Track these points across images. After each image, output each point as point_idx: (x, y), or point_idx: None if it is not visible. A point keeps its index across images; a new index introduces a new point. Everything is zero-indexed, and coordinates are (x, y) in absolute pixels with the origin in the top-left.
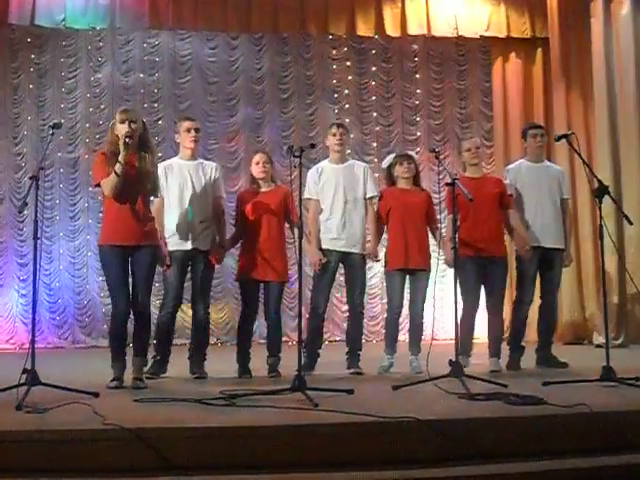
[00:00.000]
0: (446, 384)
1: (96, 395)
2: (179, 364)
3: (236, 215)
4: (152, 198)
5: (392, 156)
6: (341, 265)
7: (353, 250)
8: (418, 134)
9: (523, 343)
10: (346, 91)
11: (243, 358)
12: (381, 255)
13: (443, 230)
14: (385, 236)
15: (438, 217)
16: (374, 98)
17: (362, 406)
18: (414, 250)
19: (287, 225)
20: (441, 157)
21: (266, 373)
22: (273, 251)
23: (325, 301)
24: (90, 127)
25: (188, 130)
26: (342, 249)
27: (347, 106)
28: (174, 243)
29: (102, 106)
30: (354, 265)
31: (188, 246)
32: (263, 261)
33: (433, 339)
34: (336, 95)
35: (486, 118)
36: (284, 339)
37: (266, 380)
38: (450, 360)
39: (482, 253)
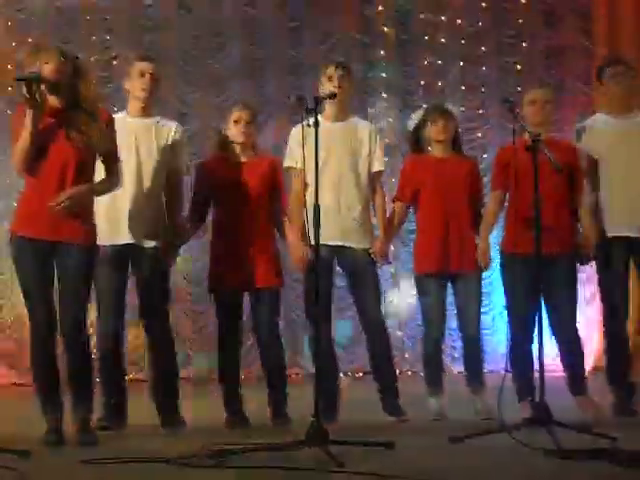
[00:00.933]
0: (527, 435)
1: (26, 455)
2: (143, 407)
3: (195, 192)
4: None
5: (421, 112)
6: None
7: (349, 244)
8: (484, 77)
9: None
10: (380, 7)
11: (230, 400)
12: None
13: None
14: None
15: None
16: (422, 17)
17: (407, 467)
18: (455, 246)
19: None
20: (517, 110)
21: (268, 418)
22: (259, 246)
23: (326, 314)
24: (13, 70)
25: (141, 74)
26: (333, 242)
27: (383, 34)
28: (106, 235)
29: (30, 39)
30: (356, 266)
31: (126, 239)
32: (245, 260)
33: (506, 370)
34: (368, 21)
35: (584, 51)
36: (295, 370)
37: (269, 429)
38: (531, 400)
39: (540, 250)
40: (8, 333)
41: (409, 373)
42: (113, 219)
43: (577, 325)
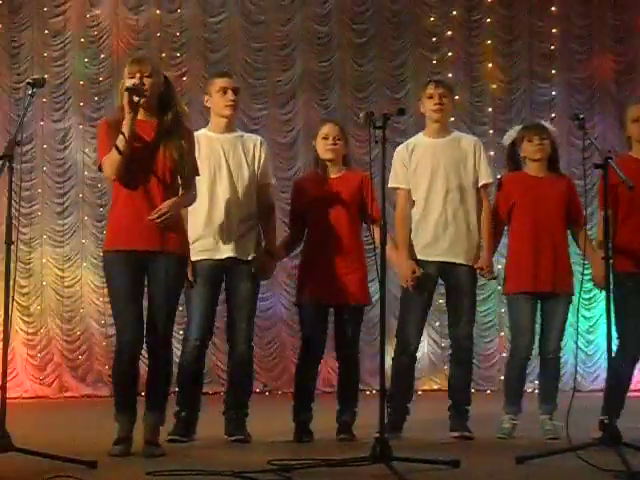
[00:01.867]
0: (596, 457)
1: (93, 465)
2: (211, 422)
3: (292, 211)
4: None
5: (517, 128)
6: (440, 281)
7: (458, 260)
8: (553, 93)
9: None
10: (449, 32)
11: (302, 414)
12: (497, 270)
13: (591, 233)
14: (504, 241)
15: (584, 213)
16: (489, 42)
17: None
18: (548, 264)
19: (364, 225)
20: (587, 126)
21: (334, 435)
22: (348, 262)
23: (418, 333)
24: (85, 85)
25: (223, 91)
26: (442, 259)
27: (450, 54)
28: (201, 250)
29: (102, 55)
30: (459, 282)
31: (222, 254)
32: (334, 277)
33: (575, 390)
34: (434, 39)
35: None
36: (361, 387)
37: (334, 445)
38: (602, 421)
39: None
40: (77, 345)
41: (473, 391)
42: (211, 234)
43: None
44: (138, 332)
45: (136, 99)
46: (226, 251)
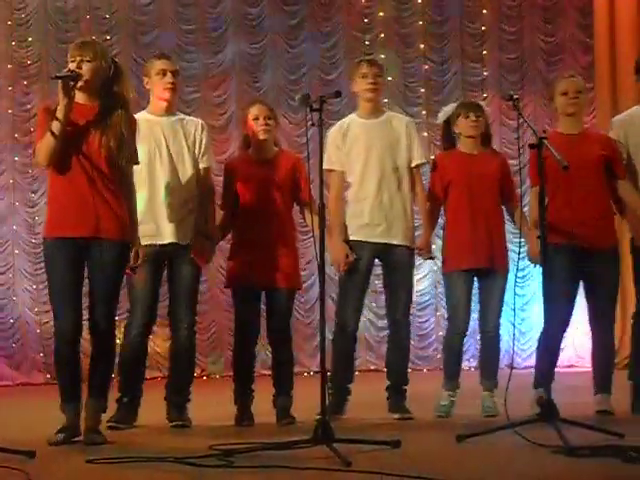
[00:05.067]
0: (533, 432)
1: (31, 455)
2: (152, 408)
3: (224, 193)
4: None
5: (452, 106)
6: (378, 263)
7: (394, 241)
8: (484, 74)
9: None
10: (380, 13)
11: (243, 398)
12: (434, 249)
13: (525, 210)
14: (441, 221)
15: (518, 191)
16: (421, 23)
17: (414, 465)
18: (484, 241)
19: (297, 208)
20: (521, 106)
21: (274, 419)
22: (279, 245)
23: (356, 315)
24: (14, 69)
25: (162, 73)
26: (378, 240)
27: (382, 35)
28: (143, 235)
29: (30, 38)
30: (397, 263)
31: (164, 239)
32: (265, 260)
33: (512, 367)
34: (366, 20)
35: (584, 48)
36: (298, 369)
37: (276, 429)
38: (539, 397)
39: (579, 243)
40: (10, 333)
41: (409, 370)
42: (152, 219)
43: (614, 324)
44: (77, 319)
45: (71, 84)
46: (167, 236)
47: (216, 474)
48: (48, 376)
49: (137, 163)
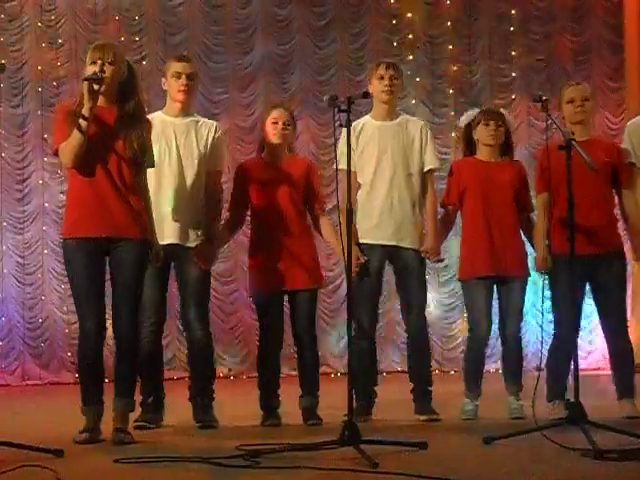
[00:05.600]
0: (561, 436)
1: (59, 454)
2: (179, 408)
3: (234, 194)
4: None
5: (474, 112)
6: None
7: (403, 244)
8: (512, 74)
9: None
10: (409, 14)
11: (268, 400)
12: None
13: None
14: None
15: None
16: (449, 24)
17: (441, 467)
18: (502, 249)
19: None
20: (549, 107)
21: (301, 420)
22: (295, 247)
23: (371, 315)
24: (43, 70)
25: (177, 75)
26: (388, 242)
27: (410, 36)
28: None
29: (60, 40)
30: (407, 266)
31: (169, 240)
32: (283, 263)
33: (540, 369)
34: (394, 21)
35: (613, 48)
36: (326, 370)
37: (302, 430)
38: (567, 401)
39: (585, 250)
40: (39, 332)
41: (436, 372)
42: (157, 219)
43: (627, 326)
44: (100, 319)
45: (96, 87)
46: (170, 237)
47: (242, 474)
48: (76, 375)
49: (153, 166)
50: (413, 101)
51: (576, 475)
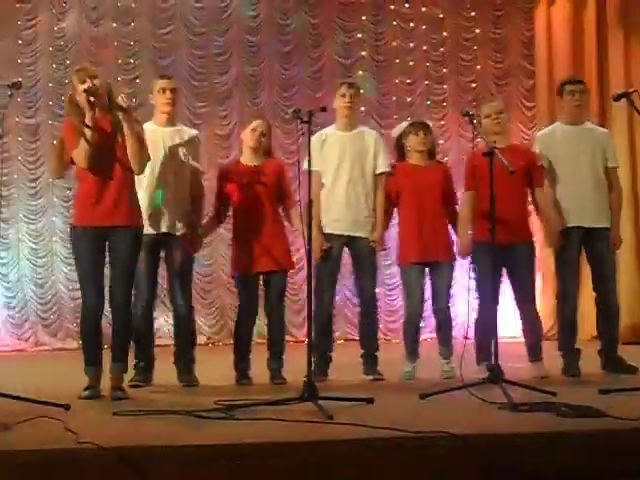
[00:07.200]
0: (484, 392)
1: (67, 407)
2: (165, 370)
3: (218, 194)
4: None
5: (404, 124)
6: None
7: (358, 234)
8: (445, 93)
9: (578, 345)
10: (359, 36)
11: (241, 363)
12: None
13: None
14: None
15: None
16: (392, 51)
17: (384, 418)
18: (431, 239)
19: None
20: (475, 121)
21: (268, 379)
22: (272, 236)
23: (331, 293)
24: (53, 87)
25: (162, 90)
26: (345, 232)
27: (361, 60)
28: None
29: (67, 61)
30: (361, 252)
31: (159, 229)
32: (262, 249)
33: (466, 338)
34: (347, 47)
35: (527, 74)
36: (288, 338)
37: (270, 388)
38: (488, 363)
39: (501, 240)
40: (49, 306)
41: (382, 340)
42: (151, 212)
43: (535, 301)
44: (100, 297)
45: (92, 99)
46: (163, 227)
47: (220, 425)
48: (80, 342)
49: (150, 159)
50: (362, 114)
51: (495, 423)
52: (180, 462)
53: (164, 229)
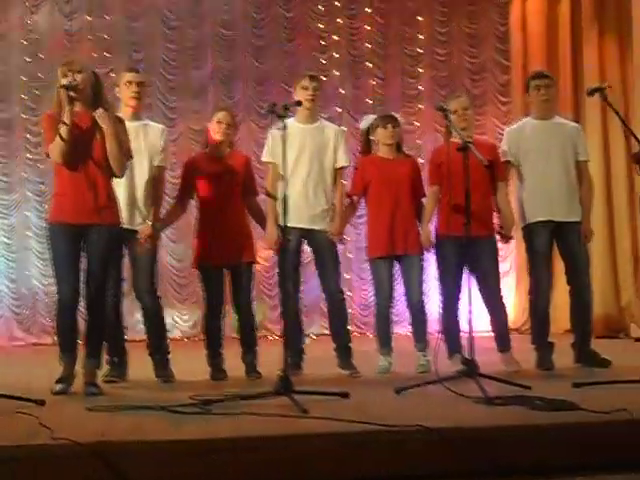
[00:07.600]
0: (458, 386)
1: (41, 403)
2: (141, 366)
3: (182, 186)
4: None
5: (372, 117)
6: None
7: (316, 227)
8: (420, 88)
9: (551, 339)
10: (335, 37)
11: (214, 358)
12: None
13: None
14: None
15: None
16: (368, 45)
17: (360, 412)
18: (400, 232)
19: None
20: (449, 116)
21: (243, 373)
22: (235, 228)
23: (294, 285)
24: (27, 81)
25: (128, 84)
26: (304, 225)
27: (336, 55)
28: None
29: (41, 55)
30: (319, 245)
31: (124, 224)
32: (225, 240)
33: (441, 332)
34: (323, 42)
35: (502, 69)
36: (264, 334)
37: (245, 382)
38: (462, 357)
39: (463, 233)
40: (23, 302)
41: (356, 334)
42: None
43: (501, 294)
44: (75, 293)
45: (72, 94)
46: (124, 222)
47: (196, 420)
48: (55, 338)
49: (132, 157)
50: (339, 110)
51: (470, 417)
52: (155, 457)
53: (125, 224)
